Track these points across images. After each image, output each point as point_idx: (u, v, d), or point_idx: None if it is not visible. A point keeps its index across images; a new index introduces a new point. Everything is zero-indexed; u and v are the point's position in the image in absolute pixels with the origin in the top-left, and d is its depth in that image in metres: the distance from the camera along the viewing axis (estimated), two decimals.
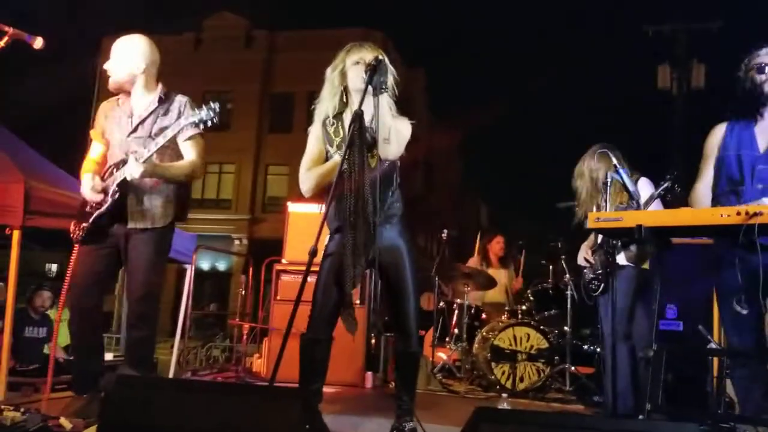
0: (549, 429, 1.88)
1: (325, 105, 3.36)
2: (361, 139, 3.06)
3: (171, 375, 5.84)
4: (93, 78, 28.57)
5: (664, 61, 17.34)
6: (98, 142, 3.82)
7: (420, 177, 31.10)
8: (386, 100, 3.18)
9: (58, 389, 5.29)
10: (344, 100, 3.35)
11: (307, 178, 3.31)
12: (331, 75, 3.34)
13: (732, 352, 3.54)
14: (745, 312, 3.02)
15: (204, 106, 3.41)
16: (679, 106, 16.90)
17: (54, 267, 26.39)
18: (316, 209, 6.16)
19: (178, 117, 3.60)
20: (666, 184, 3.75)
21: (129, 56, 3.66)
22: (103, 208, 3.56)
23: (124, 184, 3.53)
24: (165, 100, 3.71)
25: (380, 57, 3.11)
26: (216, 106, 3.40)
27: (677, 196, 3.73)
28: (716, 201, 3.33)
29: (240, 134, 27.93)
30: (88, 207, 3.65)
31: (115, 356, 6.34)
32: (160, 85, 3.75)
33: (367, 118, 3.10)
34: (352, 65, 3.26)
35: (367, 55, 3.20)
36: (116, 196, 3.54)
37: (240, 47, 29.32)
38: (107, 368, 3.67)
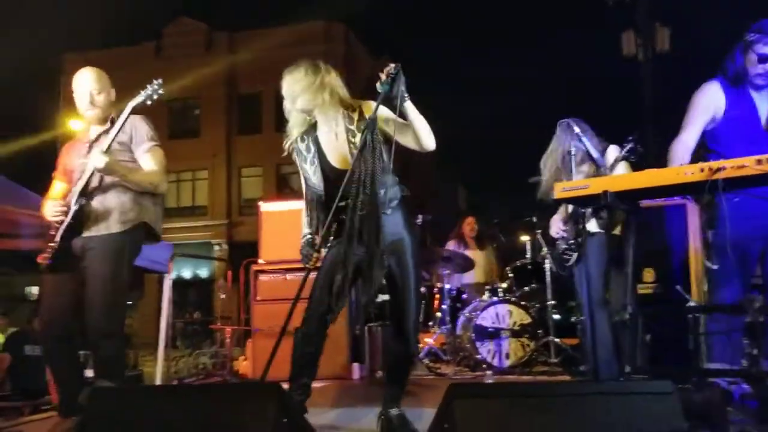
0: (520, 398, 1.89)
1: (295, 131, 3.37)
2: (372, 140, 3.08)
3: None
4: (58, 95, 28.26)
5: (627, 27, 17.43)
6: (60, 181, 3.77)
7: (396, 163, 31.08)
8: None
9: (43, 410, 5.26)
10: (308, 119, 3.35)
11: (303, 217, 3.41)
12: (290, 107, 3.34)
13: (708, 308, 3.58)
14: (715, 267, 3.06)
15: (147, 86, 3.54)
16: (647, 71, 16.99)
17: (35, 290, 26.02)
18: (289, 207, 6.19)
19: (132, 132, 3.64)
20: (629, 146, 3.79)
21: (108, 87, 3.72)
22: (68, 217, 3.46)
23: (85, 191, 3.48)
24: (115, 122, 3.66)
25: (398, 66, 3.05)
26: (159, 81, 3.52)
27: (642, 155, 3.77)
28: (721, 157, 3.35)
29: (209, 139, 27.75)
30: (52, 230, 3.54)
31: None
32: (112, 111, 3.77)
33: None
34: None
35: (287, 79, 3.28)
36: (82, 202, 3.47)
37: (201, 51, 29.05)
38: (87, 384, 3.59)
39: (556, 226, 4.58)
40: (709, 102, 3.52)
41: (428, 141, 3.19)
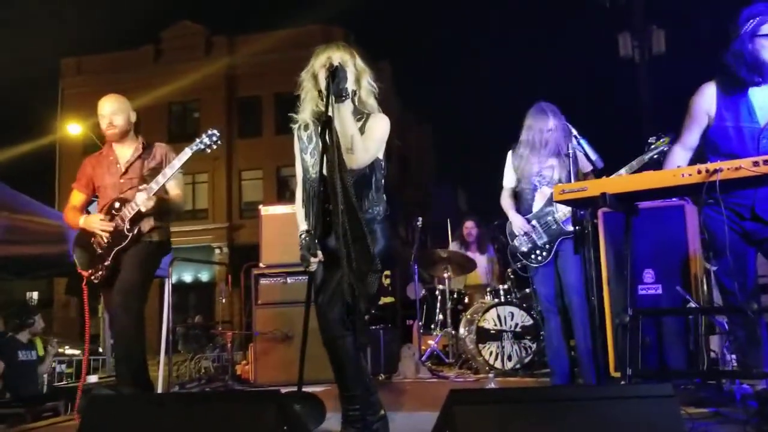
0: (520, 404, 1.89)
1: (304, 112, 3.14)
2: (334, 147, 2.81)
3: (159, 390, 5.78)
4: (55, 99, 28.35)
5: (623, 29, 17.53)
6: (81, 192, 4.38)
7: (394, 168, 31.12)
8: (349, 108, 2.97)
9: (46, 416, 5.25)
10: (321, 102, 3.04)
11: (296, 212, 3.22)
12: (306, 79, 3.11)
13: (706, 310, 3.58)
14: (714, 269, 3.06)
15: (203, 135, 4.22)
16: (643, 72, 17.08)
17: (35, 295, 25.96)
18: (289, 210, 6.18)
19: (163, 160, 4.30)
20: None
21: (126, 111, 4.33)
22: (124, 244, 4.08)
23: (136, 218, 4.08)
24: (147, 147, 4.37)
25: (337, 63, 2.91)
26: (214, 131, 4.24)
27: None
28: None
29: None
30: (99, 249, 4.13)
31: (100, 377, 6.29)
32: (140, 136, 4.44)
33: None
34: (321, 68, 3.03)
35: (335, 54, 3.03)
36: (135, 231, 4.09)
37: (201, 55, 29.06)
38: (87, 391, 3.60)
39: (520, 223, 4.53)
40: (705, 105, 3.37)
41: (357, 148, 2.91)
